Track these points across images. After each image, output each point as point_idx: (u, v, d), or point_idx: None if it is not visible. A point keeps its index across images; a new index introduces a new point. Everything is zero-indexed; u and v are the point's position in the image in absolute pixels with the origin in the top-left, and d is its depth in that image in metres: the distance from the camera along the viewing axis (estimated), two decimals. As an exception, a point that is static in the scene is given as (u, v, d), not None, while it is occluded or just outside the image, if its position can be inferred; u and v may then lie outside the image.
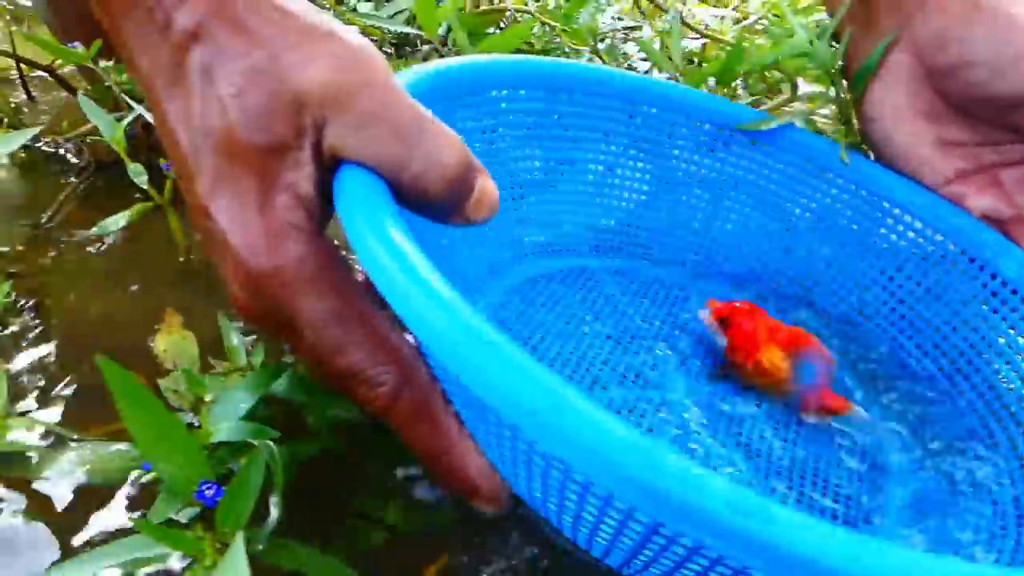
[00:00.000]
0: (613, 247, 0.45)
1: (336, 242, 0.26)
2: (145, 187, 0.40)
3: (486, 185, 0.26)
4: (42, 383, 0.35)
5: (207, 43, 0.25)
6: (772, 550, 0.16)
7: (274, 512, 0.26)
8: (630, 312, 0.41)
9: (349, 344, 0.24)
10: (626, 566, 0.24)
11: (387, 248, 0.21)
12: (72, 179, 0.52)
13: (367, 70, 0.24)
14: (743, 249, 0.46)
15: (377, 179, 0.24)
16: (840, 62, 0.42)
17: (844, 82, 0.43)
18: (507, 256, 0.41)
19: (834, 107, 0.45)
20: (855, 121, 0.43)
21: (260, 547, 0.26)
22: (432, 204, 0.25)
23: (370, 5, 0.78)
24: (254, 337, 0.37)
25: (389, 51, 0.86)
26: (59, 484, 0.29)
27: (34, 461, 0.29)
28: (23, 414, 0.33)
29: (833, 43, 0.43)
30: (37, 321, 0.39)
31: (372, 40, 0.88)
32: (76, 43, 0.49)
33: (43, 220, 0.48)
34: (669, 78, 0.57)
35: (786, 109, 0.72)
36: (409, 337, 0.26)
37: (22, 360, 0.37)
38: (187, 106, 0.25)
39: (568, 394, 0.18)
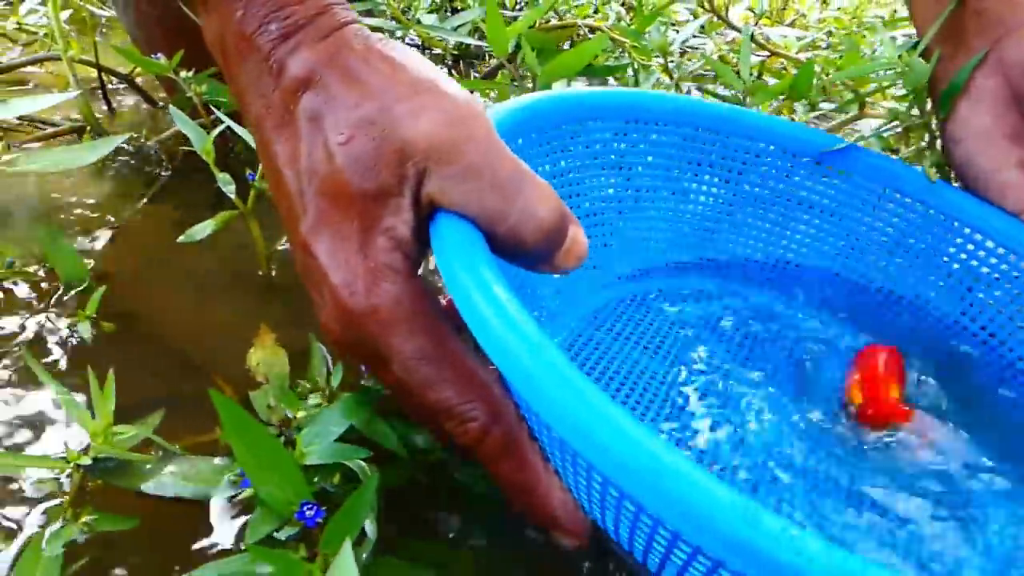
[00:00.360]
0: (687, 270, 0.46)
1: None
2: (233, 196, 0.41)
3: (577, 236, 0.27)
4: (132, 390, 0.36)
5: (318, 91, 0.26)
6: None
7: (370, 531, 0.27)
8: (705, 334, 0.41)
9: (441, 381, 0.25)
10: None
11: (486, 298, 0.22)
12: (152, 185, 0.54)
13: (471, 125, 0.25)
14: (818, 270, 0.46)
15: (473, 228, 0.25)
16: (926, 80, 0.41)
17: (929, 101, 0.43)
18: (583, 284, 0.42)
19: (911, 126, 0.44)
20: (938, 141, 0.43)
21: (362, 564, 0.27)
22: (527, 253, 0.26)
23: (433, 17, 0.79)
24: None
25: (449, 63, 0.87)
26: (162, 495, 0.30)
27: (138, 471, 0.30)
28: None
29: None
30: (124, 326, 0.41)
31: (435, 52, 0.89)
32: (159, 54, 0.51)
33: (125, 224, 0.49)
34: (735, 95, 0.57)
35: (854, 127, 0.72)
36: (497, 375, 0.26)
37: (113, 366, 0.38)
38: (294, 149, 0.26)
39: (673, 459, 0.18)
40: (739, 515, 0.17)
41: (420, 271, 0.27)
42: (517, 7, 0.93)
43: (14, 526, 0.28)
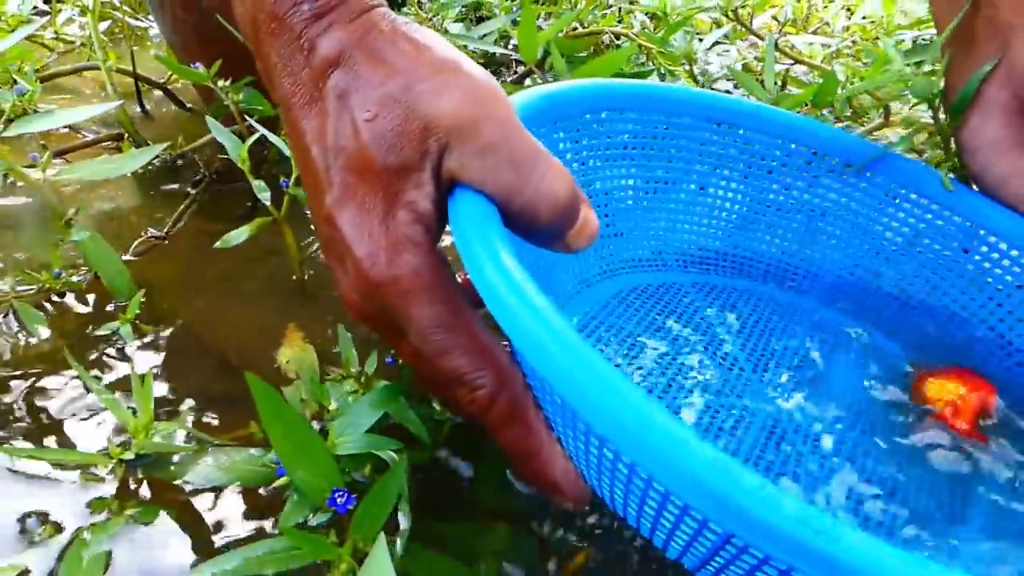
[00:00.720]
0: (704, 264, 0.46)
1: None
2: (268, 203, 0.42)
3: (589, 216, 0.28)
4: (171, 388, 0.38)
5: (346, 70, 0.27)
6: (840, 568, 0.17)
7: (403, 521, 0.27)
8: (721, 324, 0.41)
9: (454, 349, 0.26)
10: (700, 569, 0.25)
11: (494, 265, 0.23)
12: (187, 196, 0.55)
13: (491, 105, 0.26)
14: (834, 270, 0.46)
15: (489, 203, 0.26)
16: (938, 89, 0.41)
17: (942, 109, 0.43)
18: (598, 271, 0.42)
19: (931, 133, 0.44)
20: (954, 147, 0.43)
21: (396, 554, 0.27)
22: (539, 230, 0.27)
23: (459, 26, 0.80)
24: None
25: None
26: (199, 487, 0.31)
27: (177, 464, 0.31)
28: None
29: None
30: (161, 330, 0.42)
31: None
32: (197, 63, 0.52)
33: (165, 230, 0.50)
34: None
35: (877, 133, 0.72)
36: (506, 346, 0.28)
37: (151, 368, 0.39)
38: (321, 125, 0.27)
39: (657, 414, 0.19)
40: (720, 470, 0.18)
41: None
42: (539, 16, 0.94)
43: (61, 519, 0.29)
